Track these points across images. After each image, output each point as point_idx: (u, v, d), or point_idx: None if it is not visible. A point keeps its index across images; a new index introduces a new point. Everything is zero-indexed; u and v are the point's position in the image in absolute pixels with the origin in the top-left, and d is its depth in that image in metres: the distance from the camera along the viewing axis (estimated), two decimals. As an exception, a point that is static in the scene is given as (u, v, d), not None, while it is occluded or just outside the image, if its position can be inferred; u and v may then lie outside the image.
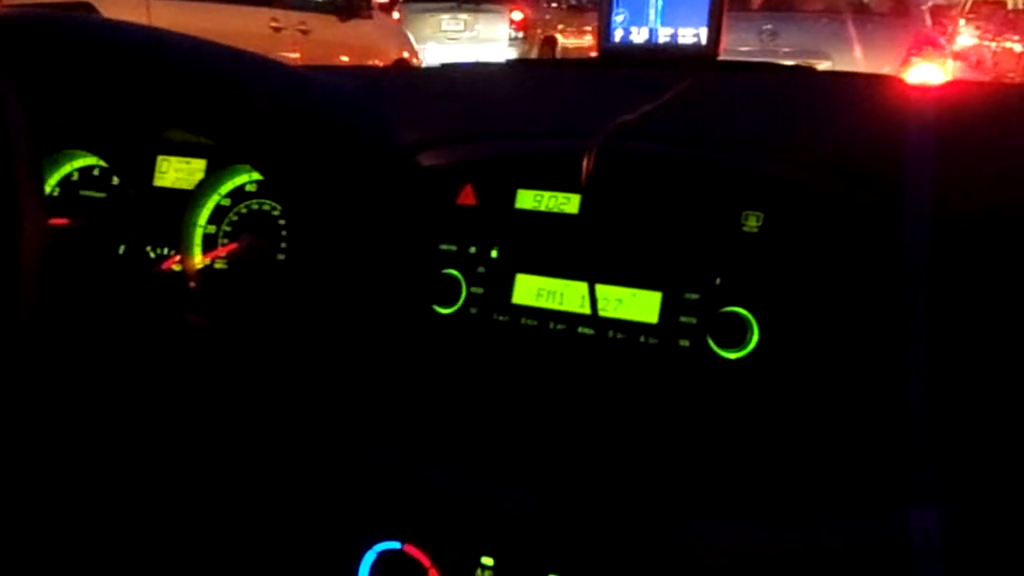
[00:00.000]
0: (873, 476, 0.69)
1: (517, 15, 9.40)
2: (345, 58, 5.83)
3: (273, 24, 5.25)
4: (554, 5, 10.16)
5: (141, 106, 0.96)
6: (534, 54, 9.47)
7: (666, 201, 0.80)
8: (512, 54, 9.12)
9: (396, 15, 9.55)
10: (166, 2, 4.43)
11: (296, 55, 5.31)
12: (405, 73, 1.84)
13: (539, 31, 9.78)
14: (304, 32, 5.50)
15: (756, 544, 0.70)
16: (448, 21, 9.37)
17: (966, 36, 12.22)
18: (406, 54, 6.90)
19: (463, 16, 9.35)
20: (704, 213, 0.78)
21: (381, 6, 9.47)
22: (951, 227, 0.72)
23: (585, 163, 0.78)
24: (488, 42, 9.27)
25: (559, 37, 10.13)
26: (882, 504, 0.68)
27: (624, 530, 0.72)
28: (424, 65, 7.49)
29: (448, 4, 9.32)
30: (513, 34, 9.38)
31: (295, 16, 5.47)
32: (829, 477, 0.71)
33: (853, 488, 0.70)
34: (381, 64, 6.34)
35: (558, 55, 9.87)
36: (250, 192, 1.01)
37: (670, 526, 0.72)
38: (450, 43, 9.33)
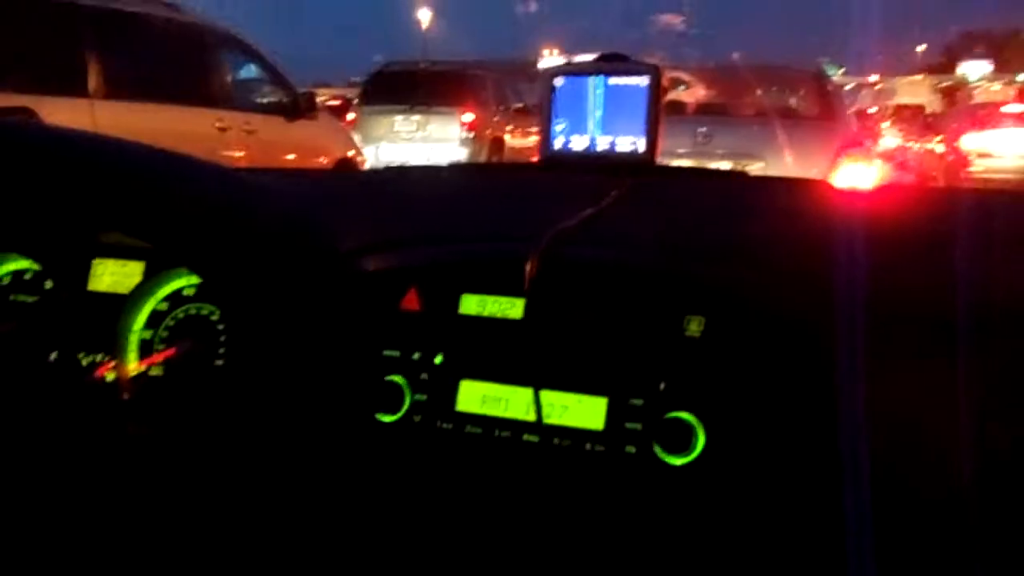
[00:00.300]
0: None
1: (468, 116, 9.75)
2: (291, 157, 5.89)
3: (218, 124, 5.28)
4: (502, 108, 10.54)
5: (77, 209, 0.95)
6: (483, 154, 9.78)
7: (608, 306, 0.80)
8: (463, 153, 9.46)
9: (352, 115, 9.92)
10: (111, 104, 4.45)
11: (241, 154, 5.33)
12: (348, 175, 1.86)
13: (488, 132, 10.12)
14: (249, 132, 5.53)
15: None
16: (401, 122, 9.71)
17: (889, 138, 12.89)
18: (351, 153, 6.98)
19: (415, 117, 9.69)
20: (646, 318, 0.79)
21: (332, 108, 9.74)
22: (883, 322, 0.73)
23: (528, 268, 0.79)
24: (440, 142, 9.56)
25: (507, 137, 10.48)
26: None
27: None
28: (370, 166, 7.58)
29: (401, 107, 9.65)
30: (463, 135, 9.69)
31: (240, 117, 5.47)
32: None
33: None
34: (326, 162, 6.41)
35: (505, 155, 10.17)
36: (188, 296, 0.99)
37: None
38: (403, 143, 9.64)
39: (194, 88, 5.24)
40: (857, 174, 5.20)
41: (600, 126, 0.97)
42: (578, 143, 0.99)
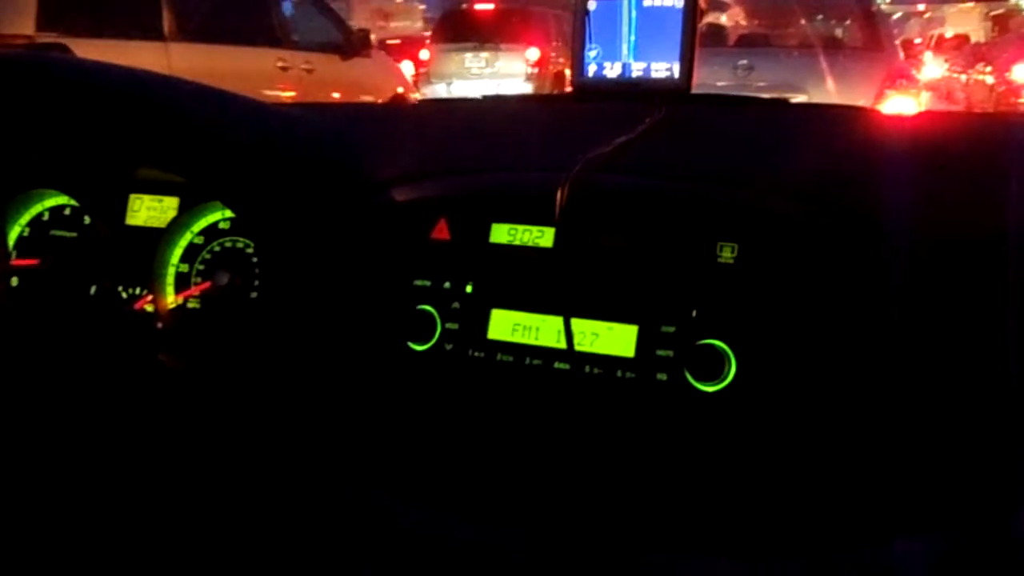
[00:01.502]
0: (853, 508, 0.68)
1: (532, 53, 10.30)
2: (345, 94, 6.03)
3: (280, 64, 5.52)
4: (562, 44, 10.84)
5: (114, 144, 0.96)
6: (547, 87, 10.32)
7: (640, 233, 0.79)
8: (529, 88, 10.09)
9: (427, 54, 10.63)
10: (184, 46, 4.66)
11: (300, 92, 5.55)
12: (383, 108, 1.84)
13: (551, 67, 10.61)
14: (308, 71, 5.77)
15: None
16: (471, 59, 10.39)
17: (935, 68, 12.44)
18: (401, 90, 7.19)
19: (484, 55, 10.36)
20: (679, 245, 0.78)
21: (391, 47, 10.11)
22: (927, 250, 0.72)
23: (559, 196, 0.78)
24: (507, 77, 10.17)
25: (567, 72, 10.72)
26: (862, 536, 0.67)
27: (601, 564, 0.71)
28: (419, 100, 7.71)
29: (471, 44, 10.34)
30: (529, 70, 10.27)
31: (300, 56, 5.76)
32: (807, 510, 0.70)
33: (832, 520, 0.68)
34: (379, 99, 6.49)
35: (566, 87, 10.41)
36: (223, 230, 1.00)
37: (648, 560, 0.70)
38: (473, 79, 10.28)
39: (258, 29, 5.48)
40: (903, 106, 5.06)
41: (634, 51, 0.95)
42: (611, 70, 0.97)
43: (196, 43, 4.76)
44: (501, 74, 10.25)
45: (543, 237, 0.83)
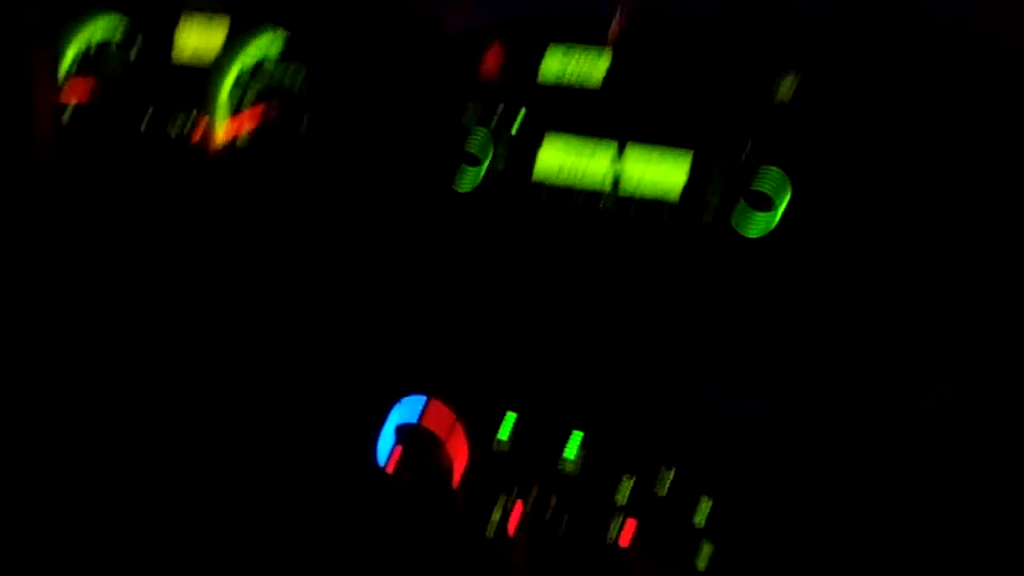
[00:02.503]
0: (896, 348, 0.69)
1: None
2: None
3: None
4: None
5: None
6: None
7: (697, 61, 0.76)
8: None
9: None
10: None
11: None
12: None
13: None
14: None
15: (770, 413, 0.70)
16: None
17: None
18: None
19: None
20: (735, 77, 0.75)
21: None
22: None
23: (613, 23, 0.75)
24: None
25: None
26: (904, 375, 0.68)
27: (640, 395, 0.73)
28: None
29: None
30: None
31: None
32: (853, 348, 0.70)
33: (876, 359, 0.69)
34: None
35: None
36: (272, 59, 0.99)
37: (686, 393, 0.72)
38: None
39: None
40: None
41: None
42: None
43: None
44: None
45: (596, 66, 0.80)
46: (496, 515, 0.81)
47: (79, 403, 0.99)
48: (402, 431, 0.83)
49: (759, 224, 0.73)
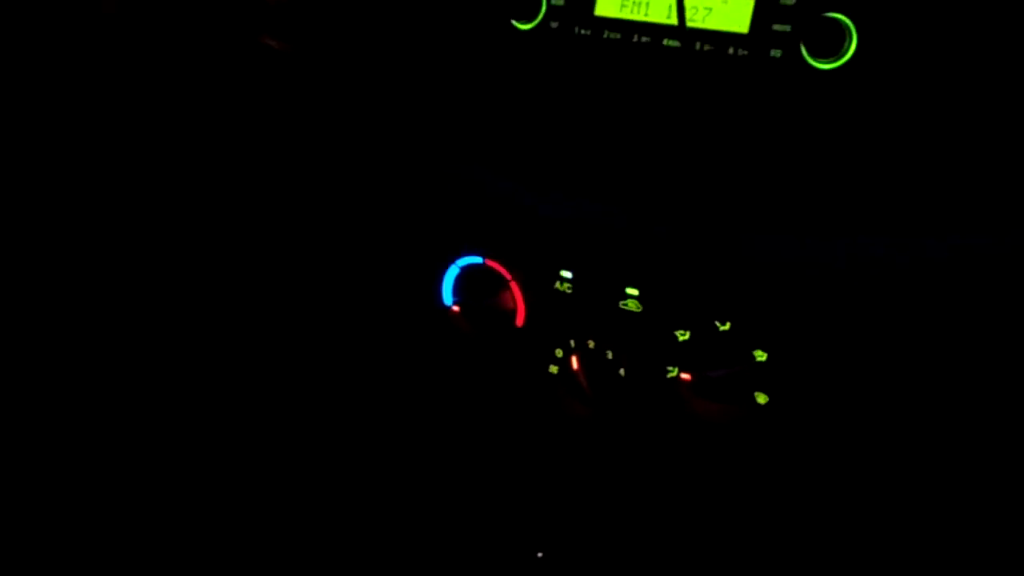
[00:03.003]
0: (967, 195, 0.66)
1: None
2: None
3: None
4: None
5: None
6: None
7: None
8: None
9: None
10: None
11: None
12: None
13: None
14: None
15: (835, 259, 0.69)
16: None
17: None
18: None
19: None
20: None
21: None
22: None
23: None
24: None
25: None
26: (979, 222, 0.65)
27: (703, 243, 0.73)
28: None
29: None
30: None
31: None
32: (920, 195, 0.68)
33: (945, 205, 0.67)
34: None
35: None
36: None
37: (750, 239, 0.72)
38: None
39: None
40: None
41: None
42: None
43: None
44: None
45: None
46: (559, 353, 0.83)
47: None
48: (468, 270, 0.85)
49: (831, 62, 0.70)
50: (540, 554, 0.95)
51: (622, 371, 0.80)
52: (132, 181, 1.01)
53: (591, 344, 0.81)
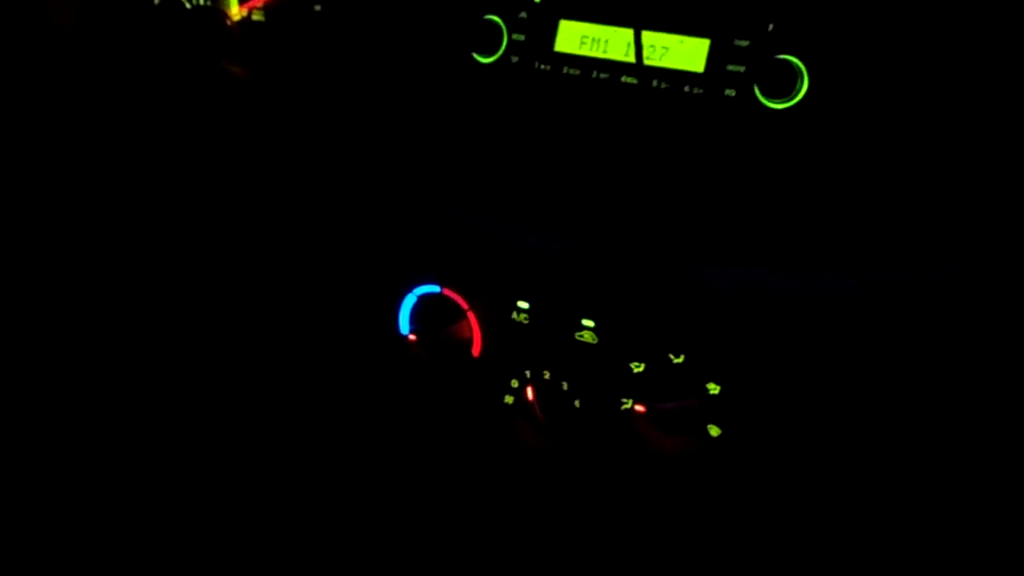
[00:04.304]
0: (908, 230, 0.69)
1: None
2: None
3: None
4: None
5: None
6: None
7: None
8: None
9: None
10: None
11: None
12: None
13: None
14: None
15: (782, 290, 0.71)
16: None
17: None
18: None
19: None
20: None
21: None
22: None
23: None
24: None
25: None
26: (915, 256, 0.68)
27: (657, 275, 0.74)
28: None
29: None
30: None
31: None
32: (862, 229, 0.70)
33: (886, 240, 0.69)
34: None
35: None
36: None
37: (703, 271, 0.73)
38: None
39: None
40: None
41: None
42: None
43: None
44: None
45: None
46: (515, 383, 0.83)
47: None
48: (426, 299, 0.85)
49: (782, 102, 0.72)
50: None
51: (577, 402, 0.81)
52: (77, 209, 1.00)
53: (547, 375, 0.81)
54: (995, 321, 0.64)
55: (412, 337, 0.85)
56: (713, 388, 0.74)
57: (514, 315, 0.81)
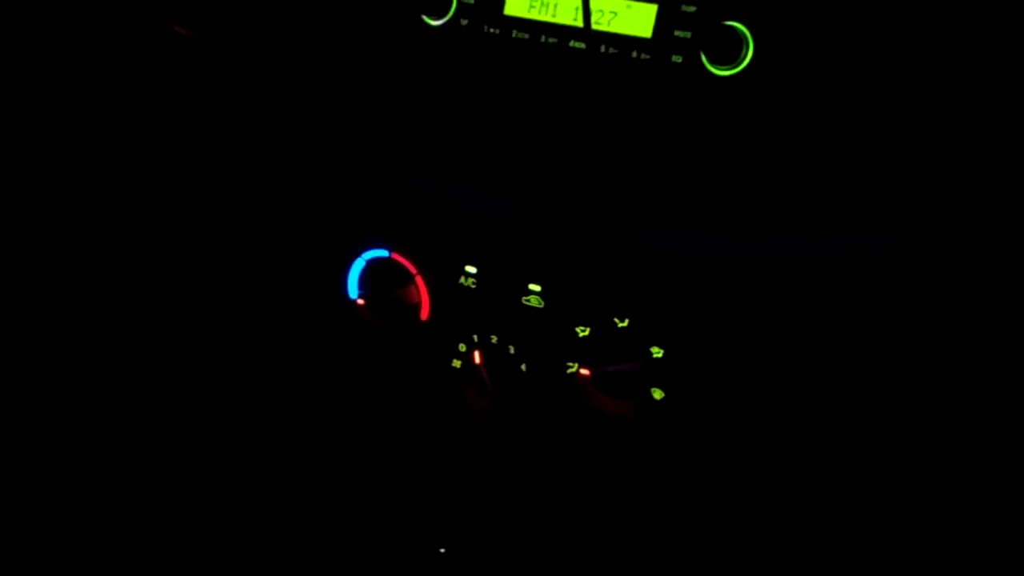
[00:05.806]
0: (851, 198, 0.70)
1: None
2: None
3: None
4: None
5: None
6: None
7: None
8: None
9: None
10: None
11: None
12: None
13: None
14: None
15: (728, 253, 0.72)
16: None
17: None
18: None
19: None
20: None
21: None
22: None
23: None
24: None
25: None
26: (858, 224, 0.69)
27: (603, 240, 0.74)
28: None
29: None
30: None
31: None
32: (806, 196, 0.71)
33: (829, 207, 0.70)
34: None
35: None
36: None
37: (647, 236, 0.74)
38: None
39: None
40: None
41: None
42: None
43: None
44: None
45: None
46: (462, 347, 0.84)
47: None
48: (374, 263, 0.85)
49: (728, 69, 0.72)
50: (443, 550, 0.95)
51: (524, 366, 0.81)
52: (19, 170, 0.98)
53: (494, 339, 0.82)
54: (935, 286, 0.66)
55: (361, 301, 0.85)
56: (657, 352, 0.75)
57: (462, 279, 0.82)
